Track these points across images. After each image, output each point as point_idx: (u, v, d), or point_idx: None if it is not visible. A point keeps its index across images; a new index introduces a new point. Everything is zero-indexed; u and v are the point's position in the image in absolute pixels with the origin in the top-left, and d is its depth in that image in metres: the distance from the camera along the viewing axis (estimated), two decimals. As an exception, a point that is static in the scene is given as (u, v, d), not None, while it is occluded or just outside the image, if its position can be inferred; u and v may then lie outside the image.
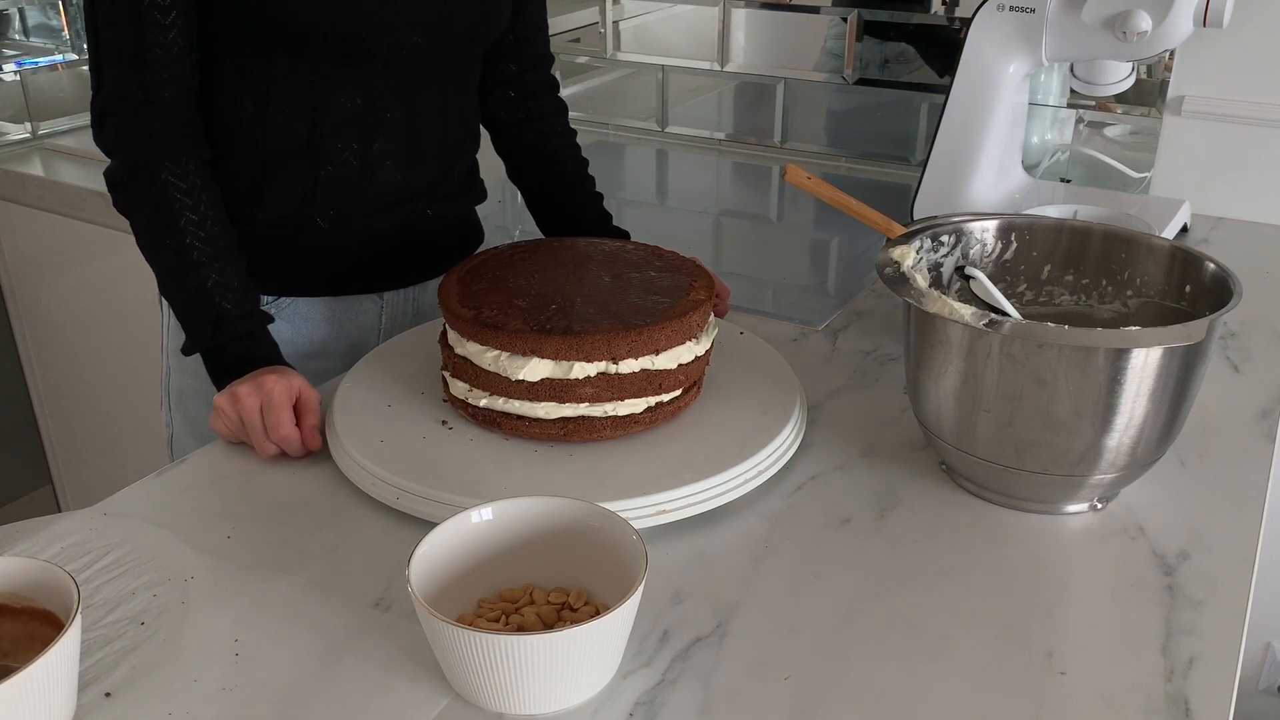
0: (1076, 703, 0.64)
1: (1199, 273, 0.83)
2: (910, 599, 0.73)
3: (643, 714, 0.63)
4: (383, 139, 1.01)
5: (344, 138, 1.00)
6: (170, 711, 0.63)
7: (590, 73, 1.91)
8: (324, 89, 0.97)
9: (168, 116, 0.92)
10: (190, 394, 1.08)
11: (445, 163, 1.08)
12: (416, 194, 1.06)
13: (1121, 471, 0.78)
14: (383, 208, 1.04)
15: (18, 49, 2.15)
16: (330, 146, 0.99)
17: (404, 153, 1.03)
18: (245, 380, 0.88)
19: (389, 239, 1.07)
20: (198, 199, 0.93)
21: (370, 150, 1.01)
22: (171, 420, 1.11)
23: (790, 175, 0.86)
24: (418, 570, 0.64)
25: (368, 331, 1.11)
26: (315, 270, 1.05)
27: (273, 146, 0.99)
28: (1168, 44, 1.18)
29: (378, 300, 1.10)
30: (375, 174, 1.02)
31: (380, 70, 0.98)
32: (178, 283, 0.93)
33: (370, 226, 1.05)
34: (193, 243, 0.92)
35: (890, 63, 1.63)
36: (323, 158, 1.00)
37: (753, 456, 0.83)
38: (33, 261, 1.89)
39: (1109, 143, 1.50)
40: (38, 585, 0.62)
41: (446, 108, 1.06)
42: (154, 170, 0.92)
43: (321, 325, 1.08)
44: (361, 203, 1.03)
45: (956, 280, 0.90)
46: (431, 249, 1.12)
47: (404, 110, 1.01)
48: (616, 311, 0.85)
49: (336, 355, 1.09)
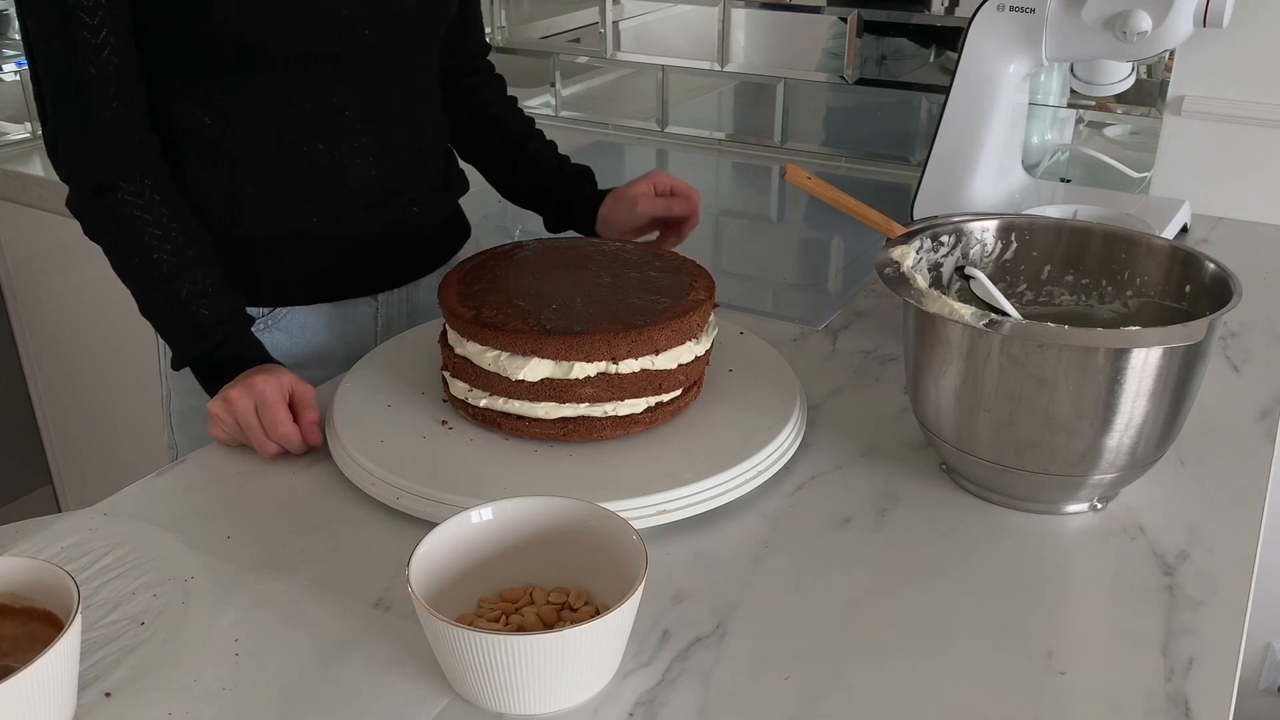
0: (1076, 703, 0.64)
1: (1199, 273, 0.83)
2: (910, 599, 0.73)
3: (643, 714, 0.63)
4: (350, 139, 1.00)
5: (310, 141, 0.99)
6: (170, 711, 0.63)
7: (590, 73, 1.91)
8: (280, 95, 0.96)
9: (116, 136, 0.91)
10: (194, 415, 1.07)
11: (418, 156, 1.08)
12: (395, 191, 1.06)
13: (1121, 471, 0.78)
14: (364, 208, 1.04)
15: (18, 49, 2.15)
16: (298, 151, 0.99)
17: (374, 150, 1.02)
18: (235, 384, 0.88)
19: (376, 239, 1.06)
20: (158, 214, 0.92)
21: (339, 151, 1.00)
22: (175, 442, 1.11)
23: (790, 175, 0.86)
24: (418, 570, 0.64)
25: (365, 334, 1.11)
26: (307, 278, 1.05)
27: (241, 157, 0.98)
28: (1168, 44, 1.18)
29: (373, 302, 1.10)
30: (349, 175, 1.01)
31: (334, 70, 0.97)
32: (153, 299, 0.93)
33: (355, 228, 1.04)
34: (160, 257, 0.92)
35: (888, 59, 1.63)
36: (293, 163, 0.99)
37: (753, 456, 0.83)
38: (33, 261, 1.89)
39: (1109, 143, 1.50)
40: (38, 585, 0.62)
41: (411, 101, 1.05)
42: (110, 192, 0.91)
43: (319, 332, 1.08)
44: (341, 205, 1.02)
45: (956, 280, 0.90)
46: (420, 246, 1.11)
47: (366, 108, 1.00)
48: (616, 311, 0.85)
49: (336, 362, 1.08)
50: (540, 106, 1.96)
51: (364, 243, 1.06)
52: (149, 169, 0.93)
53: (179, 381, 1.06)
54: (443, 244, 1.15)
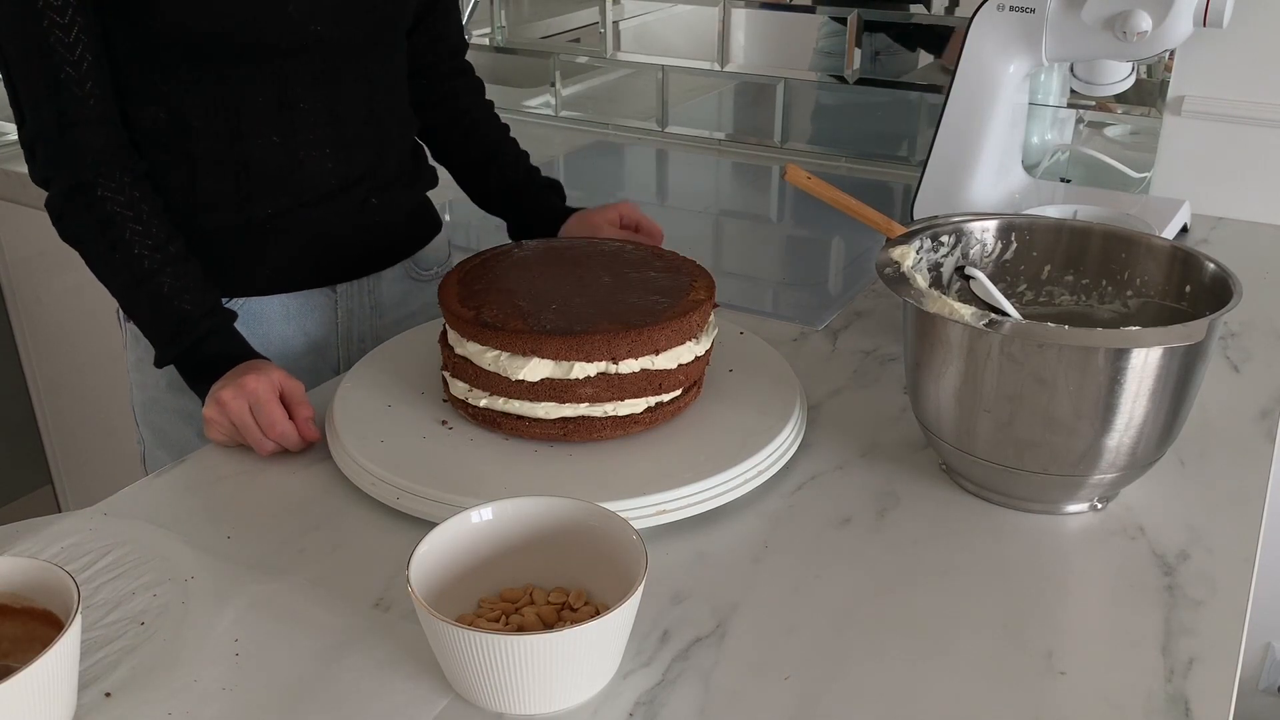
0: (1076, 703, 0.64)
1: (1199, 273, 0.83)
2: (910, 599, 0.73)
3: (643, 714, 0.63)
4: (304, 131, 1.00)
5: (264, 134, 0.99)
6: (170, 711, 0.63)
7: (590, 73, 1.91)
8: (233, 89, 0.96)
9: (93, 135, 0.91)
10: (154, 407, 1.07)
11: (378, 150, 1.07)
12: (352, 183, 1.05)
13: (1121, 471, 0.78)
14: (320, 199, 1.03)
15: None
16: (254, 144, 0.99)
17: (329, 142, 1.02)
18: (225, 384, 0.88)
19: (333, 230, 1.06)
20: (139, 210, 0.93)
21: (294, 142, 1.00)
22: (142, 437, 1.11)
23: (790, 175, 0.86)
24: (418, 570, 0.64)
25: (325, 327, 1.10)
26: (263, 268, 1.04)
27: (198, 151, 0.98)
28: (1168, 44, 1.18)
29: (331, 294, 1.09)
30: (305, 166, 1.02)
31: (286, 63, 0.97)
32: (135, 295, 0.93)
33: (311, 218, 1.04)
34: (141, 253, 0.92)
35: (881, 55, 1.62)
36: (249, 156, 0.99)
37: (753, 456, 0.83)
38: (33, 261, 1.89)
39: (1109, 143, 1.50)
40: (38, 585, 0.62)
41: (371, 95, 1.05)
42: (89, 190, 0.91)
43: (277, 324, 1.07)
44: (297, 195, 1.02)
45: (956, 280, 0.90)
46: (380, 238, 1.11)
47: (320, 100, 1.00)
48: (616, 311, 0.85)
49: (296, 354, 1.08)
50: (540, 106, 1.96)
51: (321, 234, 1.05)
52: (127, 166, 0.93)
53: (140, 375, 1.07)
54: (407, 237, 1.14)
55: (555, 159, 1.76)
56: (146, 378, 1.06)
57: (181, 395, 1.01)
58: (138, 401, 1.10)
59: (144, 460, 1.12)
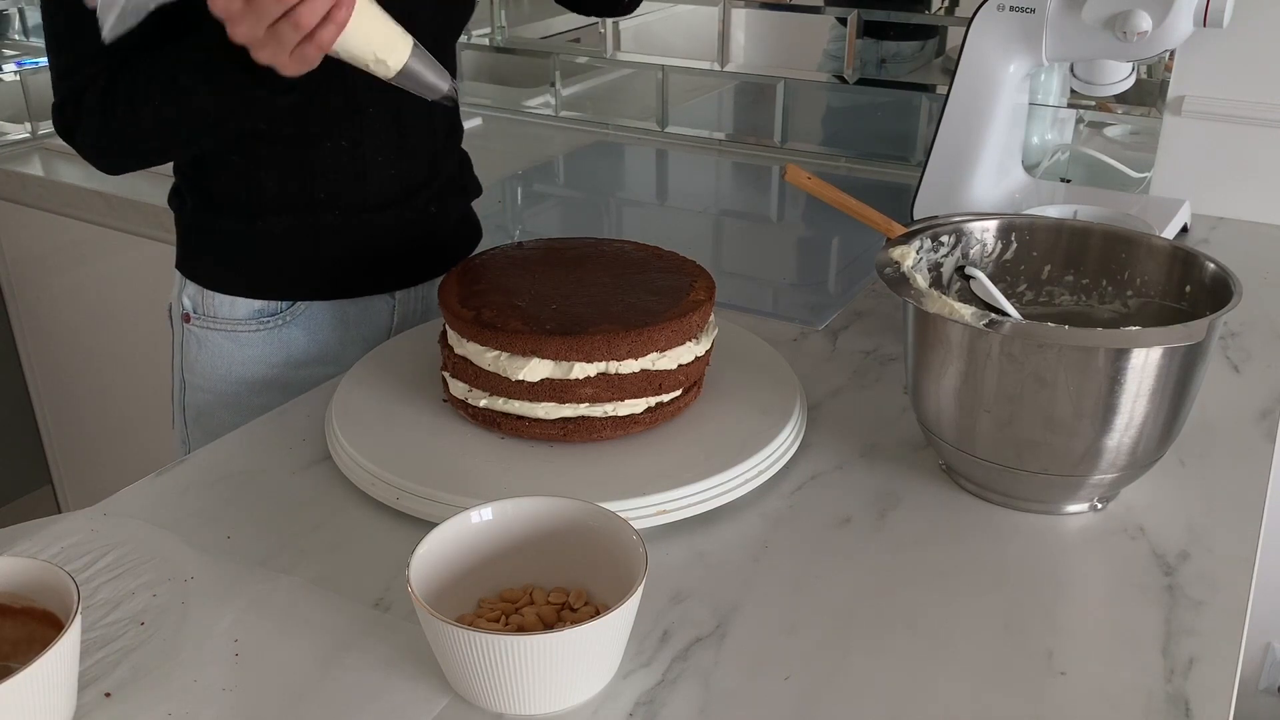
0: (1076, 703, 0.64)
1: (1199, 273, 0.83)
2: (910, 599, 0.73)
3: (643, 714, 0.63)
4: (372, 137, 1.02)
5: (333, 136, 1.00)
6: (170, 712, 0.63)
7: (590, 73, 1.91)
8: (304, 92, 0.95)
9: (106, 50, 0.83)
10: (207, 409, 1.08)
11: (434, 157, 1.09)
12: (413, 190, 1.07)
13: (1121, 471, 0.78)
14: (383, 205, 1.05)
15: (17, 49, 2.15)
16: (322, 148, 1.00)
17: (393, 148, 1.04)
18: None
19: (395, 237, 1.07)
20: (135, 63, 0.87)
21: (362, 148, 1.02)
22: (188, 437, 1.11)
23: (790, 175, 0.86)
24: (418, 570, 0.64)
25: (380, 332, 1.12)
26: (326, 273, 1.06)
27: (265, 153, 0.99)
28: (1168, 44, 1.18)
29: (390, 300, 1.11)
30: (369, 172, 1.03)
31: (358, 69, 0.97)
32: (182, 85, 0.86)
33: (375, 224, 1.05)
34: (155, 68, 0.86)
35: (887, 61, 1.63)
36: (316, 160, 1.00)
37: (753, 456, 0.83)
38: (33, 261, 1.89)
39: (1109, 143, 1.50)
40: (38, 585, 0.62)
41: (431, 103, 1.05)
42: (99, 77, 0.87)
43: (335, 329, 1.09)
44: (362, 201, 1.04)
45: (956, 280, 0.90)
46: (437, 245, 1.13)
47: (387, 106, 1.02)
48: (616, 311, 0.85)
49: (352, 360, 1.09)
50: (540, 106, 1.96)
51: (382, 240, 1.07)
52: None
53: (194, 377, 1.07)
54: (457, 245, 1.16)
55: (555, 159, 1.76)
56: (203, 381, 1.05)
57: (238, 413, 1.03)
58: (189, 403, 1.10)
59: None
